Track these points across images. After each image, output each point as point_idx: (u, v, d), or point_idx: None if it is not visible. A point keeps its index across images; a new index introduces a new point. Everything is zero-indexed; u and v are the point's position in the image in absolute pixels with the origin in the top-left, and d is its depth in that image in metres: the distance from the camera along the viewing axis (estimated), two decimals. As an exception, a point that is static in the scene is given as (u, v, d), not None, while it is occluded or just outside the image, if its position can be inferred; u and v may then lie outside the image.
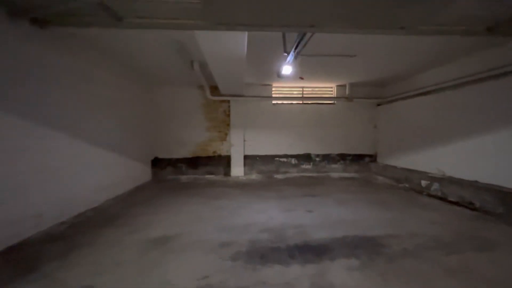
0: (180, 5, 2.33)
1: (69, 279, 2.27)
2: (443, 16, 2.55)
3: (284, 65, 4.41)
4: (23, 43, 2.96)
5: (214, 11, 2.30)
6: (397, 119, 7.10)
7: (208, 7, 2.22)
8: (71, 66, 3.90)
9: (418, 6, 2.28)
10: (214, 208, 4.45)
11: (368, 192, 5.64)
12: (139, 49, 4.49)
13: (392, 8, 2.37)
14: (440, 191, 5.17)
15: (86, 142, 4.26)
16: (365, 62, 5.57)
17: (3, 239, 2.78)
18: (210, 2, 2.15)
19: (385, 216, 3.99)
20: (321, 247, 2.92)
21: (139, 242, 3.06)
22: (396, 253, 2.77)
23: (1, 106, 2.78)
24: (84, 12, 2.45)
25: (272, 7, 2.30)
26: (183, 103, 7.50)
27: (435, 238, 3.15)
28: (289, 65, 4.41)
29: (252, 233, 3.35)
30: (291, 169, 7.96)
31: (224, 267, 2.49)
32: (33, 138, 3.24)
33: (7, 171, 2.87)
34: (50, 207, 3.48)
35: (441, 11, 2.36)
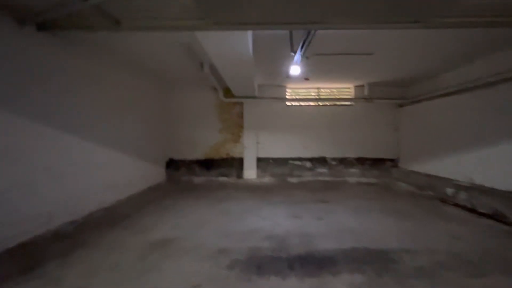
0: (176, 6, 2.28)
1: (65, 279, 2.29)
2: (462, 5, 2.25)
3: (292, 65, 4.24)
4: (34, 48, 3.10)
5: (209, 11, 2.22)
6: (421, 121, 6.59)
7: (202, 6, 2.15)
8: (83, 70, 4.04)
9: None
10: (220, 212, 4.38)
11: (386, 200, 5.27)
12: (150, 52, 4.56)
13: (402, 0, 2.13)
14: (468, 201, 4.68)
15: (98, 143, 4.39)
16: (384, 61, 5.22)
17: (14, 236, 2.90)
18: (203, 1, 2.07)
19: (402, 228, 3.66)
20: (325, 259, 2.71)
21: (140, 245, 3.05)
22: (409, 271, 2.49)
23: (14, 109, 2.91)
24: (83, 16, 2.50)
25: (269, 4, 2.17)
26: (196, 105, 7.56)
27: (458, 256, 2.80)
28: (297, 65, 4.22)
29: (254, 240, 3.22)
30: (305, 172, 7.70)
31: (218, 276, 2.38)
32: (45, 139, 3.38)
33: (19, 170, 3.00)
34: (61, 206, 3.60)
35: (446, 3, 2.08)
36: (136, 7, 2.34)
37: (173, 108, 7.53)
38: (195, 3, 2.13)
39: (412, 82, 6.85)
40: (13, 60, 2.86)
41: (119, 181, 5.00)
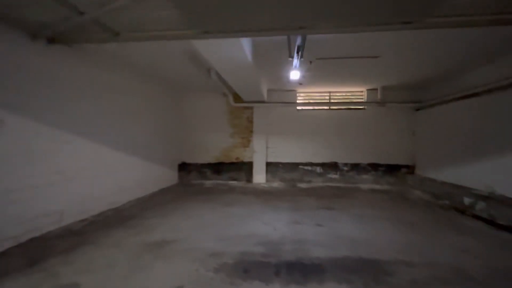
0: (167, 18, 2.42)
1: (62, 274, 2.46)
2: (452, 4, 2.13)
3: (292, 70, 4.23)
4: (46, 60, 3.41)
5: (194, 21, 2.33)
6: (439, 125, 6.22)
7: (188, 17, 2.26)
8: (95, 78, 4.34)
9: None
10: (222, 216, 4.44)
11: (397, 208, 5.02)
12: (159, 60, 4.80)
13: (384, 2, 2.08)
14: (487, 212, 4.32)
15: (110, 147, 4.68)
16: (395, 63, 5.06)
17: (26, 232, 3.18)
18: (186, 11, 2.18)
19: (407, 239, 3.48)
20: (314, 267, 2.66)
21: (138, 245, 3.19)
22: (401, 284, 2.37)
23: (30, 115, 3.22)
24: (87, 30, 2.72)
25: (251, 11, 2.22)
26: (208, 110, 7.76)
27: (460, 270, 2.61)
28: (296, 70, 4.21)
29: (248, 245, 3.23)
30: (315, 178, 7.56)
31: (202, 279, 2.43)
32: (60, 142, 3.67)
33: (35, 171, 3.30)
34: (73, 205, 3.88)
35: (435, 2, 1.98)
36: (132, 20, 2.51)
37: (185, 113, 7.80)
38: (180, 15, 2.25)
39: (430, 84, 6.52)
40: (28, 71, 3.17)
41: (130, 183, 5.26)
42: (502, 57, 4.41)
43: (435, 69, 5.33)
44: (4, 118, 2.90)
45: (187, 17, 2.30)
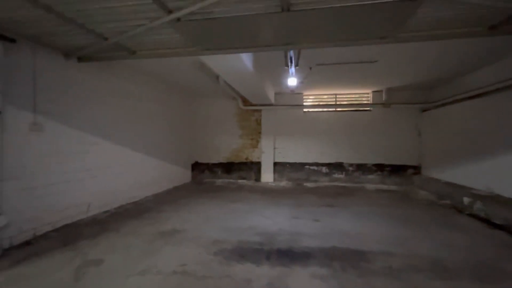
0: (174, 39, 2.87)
1: (90, 253, 2.98)
2: (418, 22, 2.38)
3: (289, 77, 4.57)
4: (76, 75, 4.00)
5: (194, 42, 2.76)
6: (443, 126, 6.28)
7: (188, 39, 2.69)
8: (117, 87, 4.92)
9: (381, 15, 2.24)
10: (228, 211, 4.86)
11: (397, 207, 5.19)
12: (173, 70, 5.32)
13: (360, 21, 2.38)
14: (483, 211, 4.41)
15: (130, 148, 5.25)
16: (398, 66, 5.22)
17: (61, 219, 3.77)
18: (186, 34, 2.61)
19: (397, 234, 3.71)
20: (302, 254, 3.00)
21: (151, 233, 3.67)
22: (376, 270, 2.65)
23: (63, 121, 3.81)
24: (108, 50, 3.23)
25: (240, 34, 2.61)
26: (218, 113, 8.25)
27: (436, 261, 2.84)
28: (293, 77, 4.54)
29: (247, 235, 3.62)
30: (321, 178, 7.80)
31: (203, 260, 2.85)
32: (87, 144, 4.26)
33: (67, 169, 3.89)
34: (98, 198, 4.46)
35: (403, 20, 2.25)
36: (146, 42, 2.98)
37: (198, 116, 8.33)
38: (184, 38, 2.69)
39: (434, 85, 6.58)
40: (62, 84, 3.76)
41: (147, 181, 5.83)
42: (503, 59, 4.48)
43: (437, 71, 5.43)
44: (43, 124, 3.50)
45: (189, 39, 2.73)
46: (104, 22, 2.56)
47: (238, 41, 2.80)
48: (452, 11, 2.21)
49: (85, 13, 2.40)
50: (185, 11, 2.22)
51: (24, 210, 3.23)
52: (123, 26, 2.64)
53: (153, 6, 2.21)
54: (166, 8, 2.24)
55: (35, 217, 3.38)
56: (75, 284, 2.37)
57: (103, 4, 2.21)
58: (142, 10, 2.28)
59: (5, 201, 2.97)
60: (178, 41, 2.90)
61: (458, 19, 2.36)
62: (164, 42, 3.00)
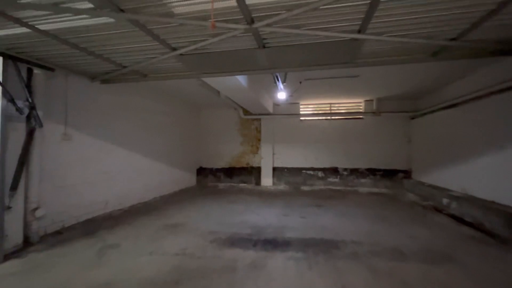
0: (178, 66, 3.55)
1: (108, 239, 3.64)
2: (366, 53, 2.97)
3: (279, 92, 5.20)
4: (100, 93, 4.75)
5: (193, 68, 3.43)
6: (427, 133, 6.74)
7: (188, 66, 3.37)
8: (130, 102, 5.66)
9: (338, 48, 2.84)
10: (226, 210, 5.46)
11: (382, 208, 5.65)
12: (179, 86, 6.03)
13: (325, 52, 2.99)
14: (458, 210, 4.85)
15: (141, 155, 5.96)
16: (380, 79, 5.75)
17: (83, 214, 4.45)
18: (187, 63, 3.29)
19: (372, 229, 4.20)
20: (283, 243, 3.56)
21: (158, 225, 4.32)
22: (342, 254, 3.18)
23: (86, 131, 4.54)
24: (125, 74, 3.96)
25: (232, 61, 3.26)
26: (221, 122, 8.94)
27: (395, 249, 3.35)
28: (282, 92, 5.17)
29: (239, 228, 4.20)
30: (317, 181, 8.32)
31: (200, 245, 3.46)
32: (105, 151, 4.98)
33: (88, 172, 4.60)
34: (113, 198, 5.15)
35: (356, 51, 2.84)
36: (155, 68, 3.68)
37: (202, 125, 9.05)
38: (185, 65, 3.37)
39: (421, 95, 7.07)
40: (87, 101, 4.51)
41: (156, 184, 6.52)
42: (472, 74, 4.97)
43: (420, 83, 5.93)
44: (72, 134, 4.23)
45: (189, 67, 3.41)
46: (125, 56, 3.27)
47: (228, 67, 3.45)
48: (390, 45, 2.79)
49: (110, 50, 3.12)
50: (186, 49, 2.89)
51: (56, 205, 3.93)
52: (139, 59, 3.34)
53: (162, 46, 2.90)
54: (172, 47, 2.92)
55: (64, 211, 4.08)
56: (98, 260, 3.02)
57: (125, 45, 2.91)
58: (154, 48, 2.97)
59: (42, 197, 3.67)
60: (181, 67, 3.58)
61: (400, 49, 2.93)
62: (169, 68, 3.68)
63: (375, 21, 2.28)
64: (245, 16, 2.18)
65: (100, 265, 2.91)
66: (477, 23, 2.28)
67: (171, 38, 2.74)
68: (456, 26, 2.39)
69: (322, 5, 2.02)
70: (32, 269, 2.80)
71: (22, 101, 3.21)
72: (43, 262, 2.96)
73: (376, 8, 2.06)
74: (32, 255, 3.14)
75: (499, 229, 3.79)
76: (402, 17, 2.24)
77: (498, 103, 4.30)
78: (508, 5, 2.04)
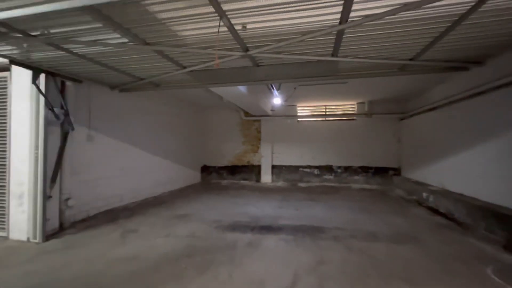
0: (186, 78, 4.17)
1: (127, 226, 4.28)
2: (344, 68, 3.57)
3: (274, 98, 5.80)
4: (118, 100, 5.39)
5: (199, 80, 4.05)
6: (414, 133, 7.31)
7: (196, 78, 3.99)
8: (142, 106, 6.30)
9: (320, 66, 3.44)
10: (228, 202, 6.09)
11: (369, 202, 6.24)
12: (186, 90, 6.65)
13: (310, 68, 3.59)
14: (434, 203, 5.43)
15: (151, 153, 6.60)
16: (369, 85, 6.32)
17: (103, 206, 5.10)
18: (195, 77, 3.91)
19: (355, 218, 4.79)
20: (276, 228, 4.17)
21: (169, 215, 4.95)
22: (325, 237, 3.79)
23: (105, 133, 5.18)
24: (141, 85, 4.59)
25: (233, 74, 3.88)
26: (224, 123, 9.57)
27: (371, 233, 3.95)
28: (277, 97, 5.77)
29: (239, 217, 4.83)
30: (313, 178, 8.92)
31: (206, 230, 4.08)
32: (121, 150, 5.62)
33: (107, 169, 5.24)
34: (128, 192, 5.79)
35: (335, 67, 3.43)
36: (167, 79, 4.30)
37: (206, 126, 9.68)
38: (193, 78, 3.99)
39: (409, 97, 7.62)
40: (107, 107, 5.16)
41: (164, 180, 7.16)
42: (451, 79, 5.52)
43: (401, 88, 6.50)
44: (94, 136, 4.87)
45: (197, 79, 4.04)
46: (143, 71, 3.90)
47: (229, 80, 4.07)
48: (360, 64, 3.38)
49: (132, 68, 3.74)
50: (195, 67, 3.51)
51: (82, 197, 4.57)
52: (154, 73, 3.97)
53: (175, 65, 3.51)
54: (183, 66, 3.54)
55: (88, 202, 4.73)
56: (123, 240, 3.66)
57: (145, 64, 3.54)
58: (168, 66, 3.59)
59: (72, 190, 4.32)
60: (189, 79, 4.19)
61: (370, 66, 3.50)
62: (179, 80, 4.30)
63: (343, 48, 2.87)
64: (241, 46, 2.79)
65: (125, 244, 3.55)
66: (426, 48, 2.85)
67: (183, 59, 3.35)
68: (410, 50, 2.97)
69: (303, 39, 2.61)
70: (71, 247, 3.45)
71: (58, 109, 3.85)
72: (78, 242, 3.60)
73: (341, 40, 2.65)
74: (67, 236, 3.79)
75: (463, 217, 4.37)
76: (363, 45, 2.82)
77: (467, 107, 4.86)
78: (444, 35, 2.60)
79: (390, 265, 2.93)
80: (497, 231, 3.65)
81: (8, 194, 3.75)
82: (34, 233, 3.59)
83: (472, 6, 2.07)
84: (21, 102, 3.73)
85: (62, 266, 2.88)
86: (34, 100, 3.66)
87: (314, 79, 3.94)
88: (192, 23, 2.34)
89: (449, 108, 5.46)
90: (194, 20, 2.30)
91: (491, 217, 3.79)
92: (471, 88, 4.60)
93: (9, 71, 3.78)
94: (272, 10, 2.13)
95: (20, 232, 3.67)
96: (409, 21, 2.33)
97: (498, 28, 2.51)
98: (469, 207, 4.29)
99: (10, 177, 3.74)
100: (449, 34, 2.57)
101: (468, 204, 4.34)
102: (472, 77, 4.52)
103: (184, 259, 3.08)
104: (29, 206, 3.63)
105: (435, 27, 2.45)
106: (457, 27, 2.41)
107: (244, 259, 3.07)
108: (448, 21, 2.34)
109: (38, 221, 3.58)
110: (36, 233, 3.58)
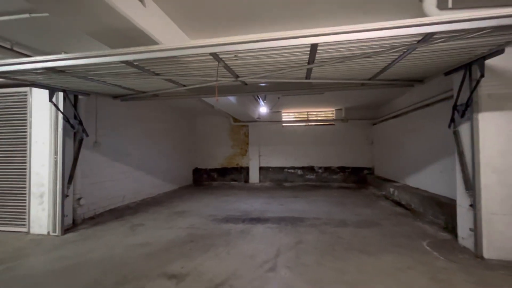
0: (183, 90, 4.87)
1: (134, 221, 4.88)
2: (316, 84, 4.43)
3: (260, 107, 6.58)
4: (119, 108, 5.97)
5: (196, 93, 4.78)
6: (384, 137, 8.31)
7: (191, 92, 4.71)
8: (139, 114, 6.89)
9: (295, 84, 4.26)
10: (220, 201, 6.77)
11: (344, 198, 7.12)
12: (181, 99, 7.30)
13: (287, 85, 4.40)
14: (398, 197, 6.38)
15: (147, 157, 7.18)
16: (344, 95, 7.24)
17: (108, 205, 5.65)
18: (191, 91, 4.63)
19: (330, 210, 5.63)
20: (264, 219, 4.92)
21: (169, 212, 5.58)
22: (304, 224, 4.58)
23: (110, 138, 5.74)
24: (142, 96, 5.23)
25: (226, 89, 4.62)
26: (214, 128, 10.24)
27: (342, 221, 4.78)
28: (263, 106, 6.56)
29: (231, 212, 5.53)
30: (297, 178, 9.76)
31: (203, 222, 4.76)
32: (124, 154, 6.19)
33: (111, 172, 5.80)
34: (129, 193, 6.35)
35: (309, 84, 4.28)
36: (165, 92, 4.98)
37: (198, 131, 10.31)
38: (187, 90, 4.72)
39: (379, 105, 8.64)
40: (111, 115, 5.74)
41: (160, 182, 7.74)
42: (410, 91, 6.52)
43: (373, 98, 7.48)
44: (100, 141, 5.43)
45: (193, 92, 4.75)
46: (146, 88, 4.56)
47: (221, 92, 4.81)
48: (330, 82, 4.23)
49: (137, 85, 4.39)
50: (191, 86, 4.23)
51: (90, 196, 5.12)
52: (154, 88, 4.64)
53: (176, 85, 4.22)
54: (183, 85, 4.25)
55: (95, 202, 5.28)
56: (132, 232, 4.28)
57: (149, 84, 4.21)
58: (168, 85, 4.28)
59: (82, 190, 4.87)
60: (186, 92, 4.89)
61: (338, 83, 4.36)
62: (176, 92, 4.98)
63: (314, 74, 3.68)
64: (233, 75, 3.56)
65: (135, 234, 4.17)
66: (380, 72, 3.71)
67: (184, 81, 4.06)
68: (367, 74, 3.82)
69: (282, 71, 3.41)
70: (87, 238, 4.03)
71: (73, 119, 4.42)
72: (93, 234, 4.18)
73: (311, 70, 3.47)
74: (82, 231, 4.36)
75: (417, 207, 5.30)
76: (330, 72, 3.64)
77: (421, 115, 5.85)
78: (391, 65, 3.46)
79: (352, 241, 3.74)
80: (440, 216, 4.58)
81: (28, 194, 4.27)
82: (54, 227, 4.14)
83: (406, 49, 2.91)
84: (40, 114, 4.29)
85: (87, 252, 3.48)
86: (53, 112, 4.23)
87: (294, 92, 4.74)
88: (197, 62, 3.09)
89: (407, 115, 6.45)
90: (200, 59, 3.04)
91: (435, 206, 4.73)
92: (415, 103, 5.62)
93: (29, 87, 4.32)
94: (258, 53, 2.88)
95: (40, 227, 4.20)
96: (363, 59, 3.14)
97: (427, 62, 3.39)
98: (421, 198, 5.23)
99: (31, 180, 4.26)
100: (393, 66, 3.43)
101: (420, 196, 5.28)
102: (418, 92, 5.54)
103: (188, 243, 3.76)
104: (49, 204, 4.17)
105: (382, 63, 3.30)
106: (398, 63, 3.26)
107: (238, 242, 3.79)
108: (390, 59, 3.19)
109: (57, 217, 4.13)
110: (56, 227, 4.13)
